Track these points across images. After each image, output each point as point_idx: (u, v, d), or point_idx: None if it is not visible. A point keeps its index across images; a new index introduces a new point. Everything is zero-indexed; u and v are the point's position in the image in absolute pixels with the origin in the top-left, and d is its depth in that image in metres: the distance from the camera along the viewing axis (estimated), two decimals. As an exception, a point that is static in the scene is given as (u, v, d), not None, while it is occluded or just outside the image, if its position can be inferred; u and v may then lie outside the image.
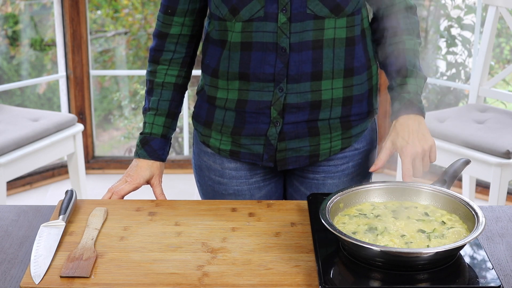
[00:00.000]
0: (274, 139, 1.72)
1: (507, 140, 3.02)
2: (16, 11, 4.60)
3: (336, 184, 1.80)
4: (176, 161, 4.28)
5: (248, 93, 1.70)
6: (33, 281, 1.35)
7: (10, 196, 3.96)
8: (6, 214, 1.65)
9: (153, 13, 4.88)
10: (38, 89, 4.88)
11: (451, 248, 1.32)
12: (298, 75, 1.67)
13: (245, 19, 1.65)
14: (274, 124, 1.71)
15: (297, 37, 1.64)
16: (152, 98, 1.79)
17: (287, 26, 1.64)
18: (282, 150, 1.74)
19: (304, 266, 1.40)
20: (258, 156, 1.75)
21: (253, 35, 1.65)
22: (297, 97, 1.68)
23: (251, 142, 1.74)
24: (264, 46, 1.65)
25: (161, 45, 1.77)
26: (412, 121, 1.68)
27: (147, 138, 1.79)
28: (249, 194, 1.82)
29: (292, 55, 1.65)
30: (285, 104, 1.69)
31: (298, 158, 1.75)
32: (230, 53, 1.69)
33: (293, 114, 1.70)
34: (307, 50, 1.65)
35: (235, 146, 1.76)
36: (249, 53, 1.67)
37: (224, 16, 1.67)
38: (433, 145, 1.66)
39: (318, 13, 1.64)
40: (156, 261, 1.43)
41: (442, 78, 4.40)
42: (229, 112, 1.73)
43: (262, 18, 1.64)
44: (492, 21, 3.42)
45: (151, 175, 1.79)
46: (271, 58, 1.66)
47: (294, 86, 1.67)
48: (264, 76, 1.67)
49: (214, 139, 1.78)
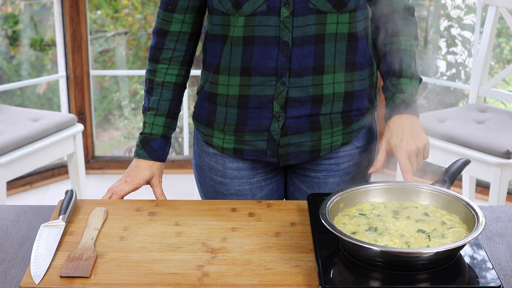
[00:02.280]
0: (277, 134, 1.73)
1: (507, 140, 3.02)
2: (16, 11, 4.60)
3: (337, 182, 1.80)
4: (176, 161, 4.28)
5: (250, 88, 1.70)
6: (33, 281, 1.35)
7: (10, 196, 3.96)
8: (6, 214, 1.65)
9: (153, 13, 4.88)
10: (38, 89, 4.88)
11: (451, 248, 1.32)
12: (300, 69, 1.67)
13: (248, 13, 1.65)
14: (276, 119, 1.71)
15: (299, 31, 1.65)
16: (152, 97, 1.79)
17: (290, 20, 1.64)
18: (285, 145, 1.74)
19: (304, 266, 1.40)
20: (262, 152, 1.75)
21: (255, 29, 1.66)
22: (299, 91, 1.69)
23: (255, 138, 1.74)
24: (267, 40, 1.66)
25: (161, 42, 1.77)
26: (406, 120, 1.68)
27: (147, 138, 1.79)
28: (250, 193, 1.82)
29: (294, 49, 1.66)
30: (288, 98, 1.69)
31: (300, 153, 1.75)
32: (231, 48, 1.69)
33: (295, 108, 1.70)
34: (309, 44, 1.66)
35: (238, 143, 1.76)
36: (251, 48, 1.67)
37: (227, 10, 1.67)
38: (426, 143, 1.68)
39: (321, 8, 1.64)
40: (156, 261, 1.43)
41: (442, 78, 4.40)
42: (231, 109, 1.73)
43: (265, 12, 1.64)
44: (492, 21, 3.42)
45: (151, 176, 1.79)
46: (274, 52, 1.66)
47: (296, 80, 1.68)
48: (266, 70, 1.67)
49: (217, 138, 1.78)
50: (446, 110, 3.42)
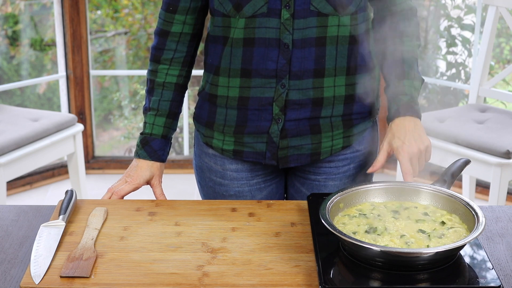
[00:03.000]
0: (276, 137, 1.72)
1: (507, 140, 3.02)
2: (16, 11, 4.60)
3: (337, 185, 1.80)
4: (176, 161, 4.28)
5: (250, 90, 1.70)
6: (33, 281, 1.35)
7: (10, 196, 3.96)
8: (6, 214, 1.65)
9: (153, 13, 4.88)
10: (38, 89, 4.88)
11: (451, 248, 1.32)
12: (300, 72, 1.67)
13: (248, 15, 1.65)
14: (276, 121, 1.71)
15: (300, 34, 1.65)
16: (152, 98, 1.79)
17: (290, 23, 1.64)
18: (284, 147, 1.74)
19: (304, 266, 1.40)
20: (261, 155, 1.75)
21: (256, 31, 1.66)
22: (299, 93, 1.68)
23: (254, 140, 1.74)
24: (267, 42, 1.66)
25: (162, 43, 1.77)
26: (408, 122, 1.68)
27: (147, 138, 1.79)
28: (250, 195, 1.82)
29: (294, 52, 1.66)
30: (287, 101, 1.69)
31: (300, 156, 1.75)
32: (232, 49, 1.69)
33: (295, 111, 1.70)
34: (310, 47, 1.66)
35: (238, 145, 1.76)
36: (252, 49, 1.67)
37: (228, 12, 1.67)
38: (429, 145, 1.67)
39: (322, 10, 1.64)
40: (156, 261, 1.43)
41: (442, 78, 4.40)
42: (231, 110, 1.73)
43: (265, 14, 1.64)
44: (492, 21, 3.42)
45: (151, 176, 1.79)
46: (274, 54, 1.66)
47: (297, 83, 1.68)
48: (266, 72, 1.67)
49: (216, 140, 1.78)
50: (446, 110, 3.42)
